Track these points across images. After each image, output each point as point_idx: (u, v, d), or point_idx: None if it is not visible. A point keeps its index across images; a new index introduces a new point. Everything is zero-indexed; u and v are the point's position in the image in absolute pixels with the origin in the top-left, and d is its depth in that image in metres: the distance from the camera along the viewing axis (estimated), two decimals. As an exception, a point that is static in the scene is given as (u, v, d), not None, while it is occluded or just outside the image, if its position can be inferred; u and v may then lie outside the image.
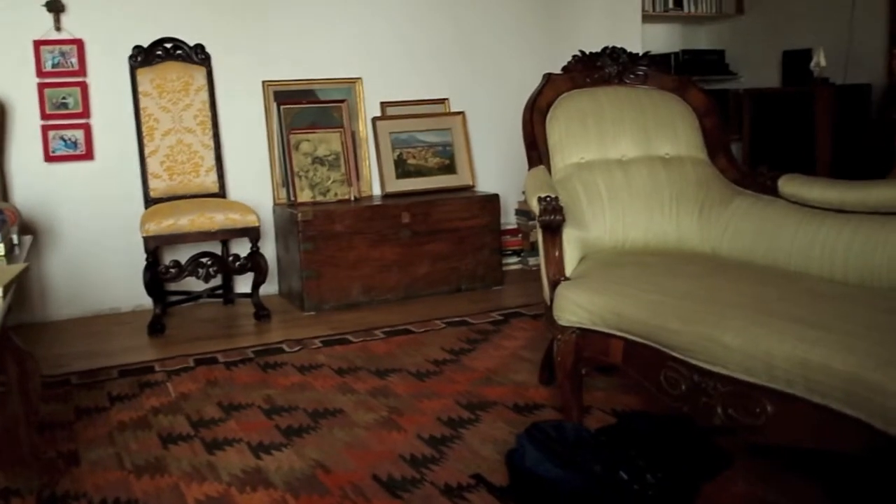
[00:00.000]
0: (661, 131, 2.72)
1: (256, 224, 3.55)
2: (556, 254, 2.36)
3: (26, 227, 3.27)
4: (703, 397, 1.90)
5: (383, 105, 4.26)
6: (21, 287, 1.85)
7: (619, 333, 2.15)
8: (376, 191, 4.20)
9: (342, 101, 4.14)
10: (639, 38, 4.77)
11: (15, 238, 2.28)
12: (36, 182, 3.68)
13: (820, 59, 4.95)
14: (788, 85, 5.42)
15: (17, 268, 1.88)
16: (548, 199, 2.32)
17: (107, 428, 2.48)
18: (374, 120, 4.21)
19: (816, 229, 2.24)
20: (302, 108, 4.07)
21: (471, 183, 4.30)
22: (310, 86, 4.14)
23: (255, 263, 3.63)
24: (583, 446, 1.98)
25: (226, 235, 3.61)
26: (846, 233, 2.17)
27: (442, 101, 4.39)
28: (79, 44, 3.70)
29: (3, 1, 3.57)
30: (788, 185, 2.41)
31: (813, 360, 1.66)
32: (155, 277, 3.49)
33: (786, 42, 5.47)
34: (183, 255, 3.68)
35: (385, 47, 4.27)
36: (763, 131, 5.40)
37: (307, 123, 4.05)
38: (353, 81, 4.21)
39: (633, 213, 2.62)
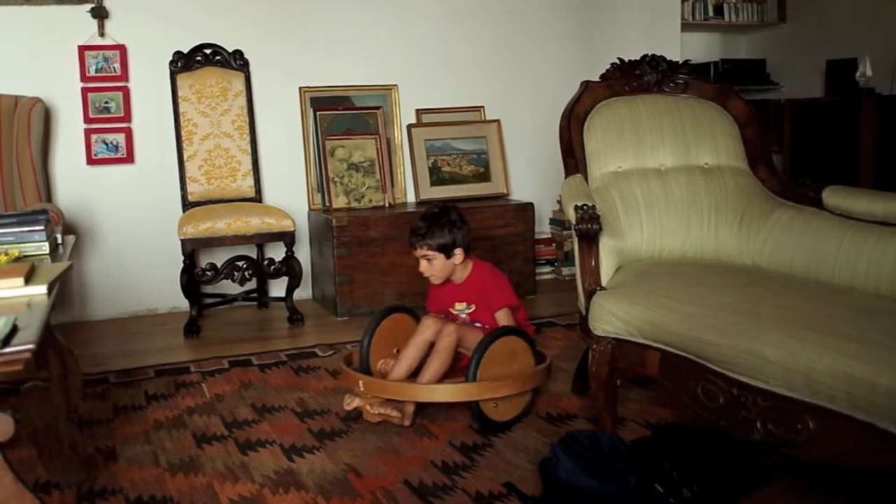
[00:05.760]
0: (701, 141, 2.69)
1: (292, 229, 3.58)
2: (592, 263, 2.34)
3: (69, 228, 3.34)
4: (741, 411, 1.87)
5: (418, 112, 4.28)
6: (62, 286, 1.88)
7: (655, 344, 2.12)
8: (410, 198, 4.21)
9: (378, 108, 4.17)
10: (678, 46, 4.72)
11: (59, 238, 2.33)
12: (78, 184, 3.76)
13: (866, 69, 4.86)
14: (832, 95, 5.32)
15: (61, 266, 1.91)
16: (584, 207, 2.30)
17: (143, 426, 2.51)
18: (410, 127, 4.22)
19: (862, 242, 2.19)
20: (338, 114, 4.10)
21: (505, 191, 4.29)
22: (346, 92, 4.17)
23: (290, 268, 3.66)
24: (617, 458, 1.96)
25: (261, 239, 3.65)
26: (893, 246, 2.11)
27: (477, 108, 4.39)
28: (121, 49, 3.77)
29: (50, 8, 3.66)
30: (833, 196, 2.36)
31: (856, 375, 1.62)
32: (191, 280, 3.54)
33: (830, 51, 5.38)
34: (219, 258, 3.73)
35: (421, 54, 4.29)
36: (804, 143, 5.30)
37: (343, 130, 4.08)
38: (389, 88, 4.23)
39: (670, 223, 2.59)
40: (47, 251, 2.14)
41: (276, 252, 3.78)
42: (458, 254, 2.60)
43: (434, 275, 2.62)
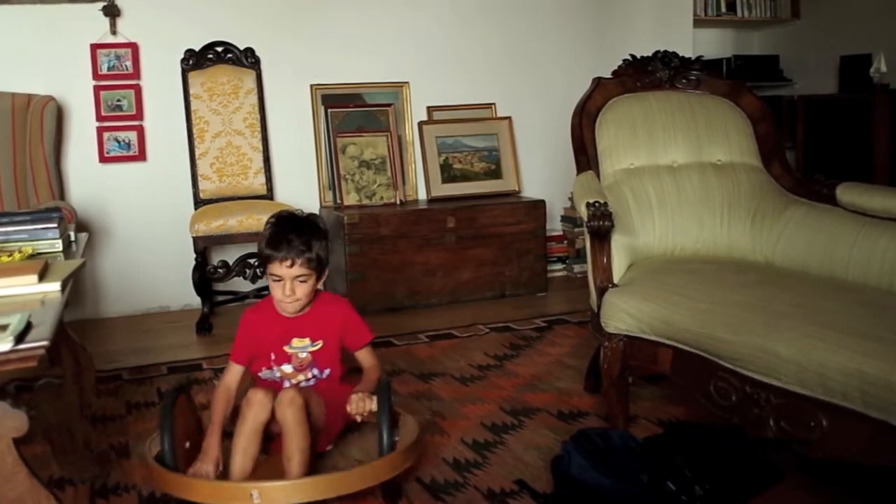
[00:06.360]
0: (714, 137, 2.67)
1: (303, 226, 3.58)
2: (605, 260, 2.33)
3: (82, 226, 3.35)
4: (754, 409, 1.86)
5: (430, 109, 4.27)
6: (76, 284, 1.89)
7: (667, 342, 2.11)
8: (422, 195, 4.21)
9: (389, 105, 4.17)
10: (690, 42, 4.69)
11: (72, 235, 2.34)
12: (91, 182, 3.78)
13: (880, 65, 4.81)
14: (846, 91, 5.28)
15: (75, 263, 1.92)
16: (596, 204, 2.29)
17: (156, 423, 2.51)
18: (421, 124, 4.22)
19: (876, 239, 2.17)
20: (349, 111, 4.11)
21: (516, 188, 4.28)
22: (357, 90, 4.17)
23: (301, 265, 3.66)
24: (629, 455, 1.95)
25: (273, 237, 3.66)
26: (909, 243, 2.10)
27: (489, 105, 4.39)
28: (133, 47, 3.79)
29: (62, 6, 3.68)
30: (847, 193, 2.34)
31: (870, 372, 1.61)
32: (203, 277, 3.55)
33: (843, 47, 5.33)
34: (231, 255, 3.74)
35: (432, 52, 4.28)
36: (818, 139, 5.26)
37: (354, 127, 4.08)
38: (401, 86, 4.23)
39: (682, 221, 2.57)
40: (60, 249, 2.15)
41: (288, 249, 3.78)
42: (324, 275, 2.07)
43: (299, 300, 2.00)
